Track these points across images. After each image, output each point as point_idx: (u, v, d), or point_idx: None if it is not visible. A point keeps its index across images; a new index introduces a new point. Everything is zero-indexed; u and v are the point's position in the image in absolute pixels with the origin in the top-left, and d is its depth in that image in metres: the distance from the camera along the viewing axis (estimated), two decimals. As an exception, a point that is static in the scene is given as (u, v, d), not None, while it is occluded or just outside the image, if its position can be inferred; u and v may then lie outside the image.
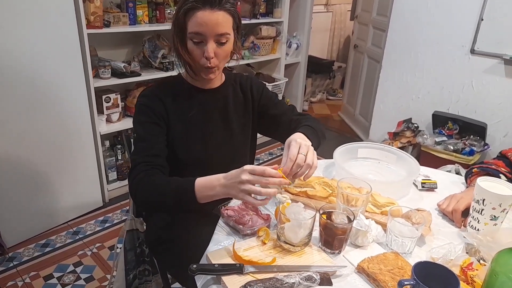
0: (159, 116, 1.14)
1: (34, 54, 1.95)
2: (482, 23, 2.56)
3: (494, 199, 0.97)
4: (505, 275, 0.70)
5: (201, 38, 1.06)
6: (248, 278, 0.84)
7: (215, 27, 1.05)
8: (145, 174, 1.04)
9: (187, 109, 1.19)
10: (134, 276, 1.47)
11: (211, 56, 1.07)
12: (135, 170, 1.06)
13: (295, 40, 3.70)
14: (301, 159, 0.97)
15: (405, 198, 1.24)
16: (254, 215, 1.06)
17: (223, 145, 1.25)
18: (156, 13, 2.59)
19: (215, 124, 1.24)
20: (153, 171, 1.06)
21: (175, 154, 1.17)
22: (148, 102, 1.14)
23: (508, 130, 2.62)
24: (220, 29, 1.06)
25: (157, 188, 1.02)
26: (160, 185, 1.02)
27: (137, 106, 1.17)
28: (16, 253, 2.09)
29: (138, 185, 1.04)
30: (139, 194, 1.05)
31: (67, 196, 2.32)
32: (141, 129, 1.14)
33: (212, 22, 1.04)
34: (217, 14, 1.05)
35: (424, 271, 0.76)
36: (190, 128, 1.19)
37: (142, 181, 1.04)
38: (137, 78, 2.51)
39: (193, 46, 1.08)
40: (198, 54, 1.08)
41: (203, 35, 1.05)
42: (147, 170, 1.05)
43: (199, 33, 1.05)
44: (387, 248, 0.98)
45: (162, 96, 1.16)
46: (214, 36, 1.06)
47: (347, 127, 4.19)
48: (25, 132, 2.03)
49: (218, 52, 1.09)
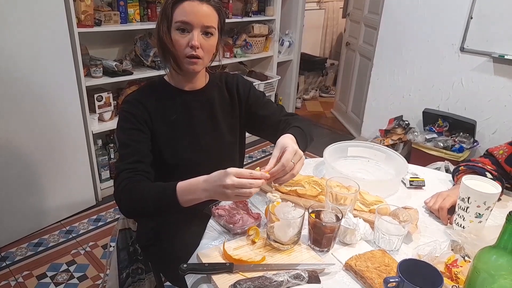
0: (142, 122, 1.13)
1: (25, 53, 1.94)
2: (471, 22, 2.59)
3: (478, 197, 0.99)
4: (486, 272, 0.72)
5: (187, 27, 1.07)
6: (238, 277, 0.86)
7: (201, 17, 1.07)
8: (128, 182, 1.03)
9: (171, 112, 1.18)
10: (127, 275, 1.48)
11: (197, 45, 1.07)
12: (119, 178, 1.05)
13: (288, 38, 3.71)
14: (290, 167, 0.97)
15: (394, 196, 1.26)
16: (245, 214, 1.07)
17: (212, 146, 1.24)
18: (147, 11, 2.58)
19: (202, 125, 1.23)
20: (136, 178, 1.05)
21: (162, 158, 1.16)
22: (130, 109, 1.13)
23: (497, 127, 2.66)
24: (206, 20, 1.08)
25: (139, 196, 1.01)
26: (141, 192, 1.01)
27: (119, 113, 1.16)
28: (8, 252, 2.09)
29: (121, 194, 1.04)
30: (123, 203, 1.05)
31: (60, 195, 2.32)
32: (123, 136, 1.13)
33: (199, 13, 1.06)
34: (204, 7, 1.07)
35: (409, 269, 0.78)
36: (176, 131, 1.18)
37: (124, 190, 1.03)
38: (129, 77, 2.50)
39: (179, 36, 1.08)
40: (183, 44, 1.08)
41: (190, 23, 1.06)
42: (130, 178, 1.04)
43: (186, 21, 1.06)
44: (374, 246, 1.00)
45: (144, 100, 1.15)
46: (200, 26, 1.08)
47: (340, 124, 4.22)
48: (16, 131, 2.02)
49: (203, 44, 1.09)
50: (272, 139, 1.10)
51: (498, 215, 1.15)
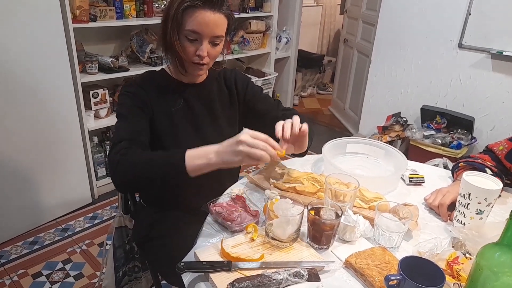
0: (143, 103, 1.13)
1: (19, 49, 1.92)
2: (469, 18, 2.58)
3: (479, 193, 0.98)
4: (489, 269, 0.70)
5: (197, 36, 1.07)
6: (236, 275, 0.84)
7: (213, 28, 1.07)
8: (127, 150, 1.00)
9: (172, 103, 1.18)
10: (124, 273, 1.47)
11: (205, 55, 1.09)
12: (117, 147, 1.01)
13: (285, 34, 3.69)
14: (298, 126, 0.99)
15: (393, 193, 1.25)
16: (243, 211, 1.06)
17: (211, 138, 1.22)
18: (143, 7, 2.56)
19: (202, 118, 1.23)
20: (134, 148, 1.02)
21: (162, 148, 1.16)
22: (132, 90, 1.14)
23: (495, 124, 2.66)
24: (217, 31, 1.08)
25: (142, 158, 0.98)
26: (145, 154, 1.00)
27: (120, 94, 1.17)
28: (3, 251, 2.07)
29: (120, 161, 0.98)
30: (120, 170, 0.98)
31: (55, 193, 2.29)
32: (123, 110, 1.12)
33: (211, 24, 1.06)
34: (217, 16, 1.06)
35: (410, 266, 0.76)
36: (177, 123, 1.18)
37: (124, 157, 0.98)
38: (125, 73, 2.48)
39: (187, 43, 1.09)
40: (191, 51, 1.09)
41: (200, 34, 1.07)
42: (129, 147, 1.01)
43: (197, 32, 1.06)
44: (374, 243, 0.99)
45: (145, 86, 1.15)
46: (210, 37, 1.08)
47: (337, 121, 4.21)
48: (11, 129, 1.99)
49: (210, 52, 1.11)
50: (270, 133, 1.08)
51: (498, 211, 1.14)
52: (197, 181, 1.18)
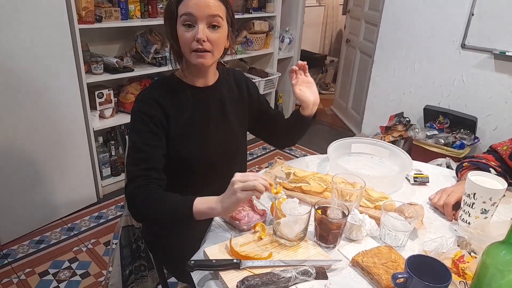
0: (157, 123, 1.10)
1: (26, 50, 1.93)
2: (472, 18, 2.59)
3: (484, 193, 1.00)
4: (495, 267, 0.72)
5: (192, 19, 1.04)
6: (246, 273, 0.86)
7: (206, 8, 1.03)
8: (144, 189, 1.03)
9: (186, 108, 1.17)
10: (130, 272, 1.48)
11: (202, 37, 1.03)
12: (133, 185, 1.05)
13: (288, 34, 3.70)
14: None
15: (398, 192, 1.26)
16: (250, 211, 1.07)
17: (225, 140, 1.25)
18: (148, 7, 2.57)
19: (215, 121, 1.23)
20: (150, 186, 1.04)
21: (177, 153, 1.15)
22: (146, 109, 1.10)
23: (498, 124, 2.67)
24: (211, 10, 1.04)
25: (154, 206, 1.02)
26: (157, 199, 1.02)
27: (133, 112, 1.13)
28: (10, 250, 2.08)
29: (136, 201, 1.04)
30: (138, 210, 1.05)
31: (61, 192, 2.31)
32: (137, 138, 1.10)
33: (202, 3, 1.03)
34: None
35: (417, 264, 0.78)
36: (190, 127, 1.17)
37: (139, 197, 1.03)
38: (130, 74, 2.49)
39: (184, 30, 1.05)
40: (189, 38, 1.05)
41: (194, 15, 1.03)
42: (144, 186, 1.04)
43: (190, 13, 1.03)
44: (380, 242, 1.00)
45: (159, 99, 1.12)
46: (205, 18, 1.04)
47: (340, 121, 4.22)
48: (18, 129, 2.01)
49: (210, 37, 1.06)
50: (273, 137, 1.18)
51: (502, 211, 1.16)
52: (205, 181, 1.21)
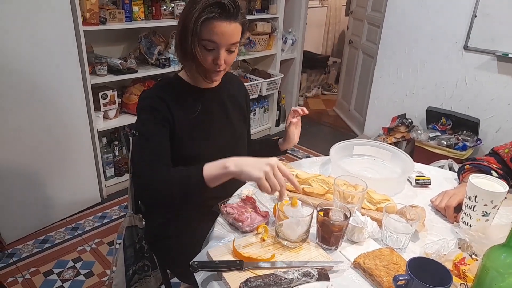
0: (164, 117, 1.14)
1: (31, 51, 1.95)
2: (475, 20, 2.59)
3: (486, 196, 1.00)
4: (495, 270, 0.72)
5: (215, 46, 1.10)
6: (248, 274, 0.87)
7: (229, 38, 1.09)
8: (154, 171, 1.07)
9: (191, 109, 1.20)
10: (134, 272, 1.49)
11: (222, 64, 1.12)
12: (145, 167, 1.09)
13: (291, 36, 3.71)
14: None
15: (400, 195, 1.27)
16: (253, 212, 1.08)
17: (228, 140, 1.30)
18: (152, 9, 2.59)
19: (219, 122, 1.28)
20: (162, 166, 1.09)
21: (181, 153, 1.18)
22: (151, 103, 1.15)
23: (500, 126, 2.67)
24: (233, 39, 1.11)
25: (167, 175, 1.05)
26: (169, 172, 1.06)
27: (140, 107, 1.17)
28: (15, 249, 2.10)
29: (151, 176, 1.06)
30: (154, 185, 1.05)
31: (65, 192, 2.33)
32: (145, 129, 1.14)
33: (227, 34, 1.08)
34: (232, 26, 1.09)
35: (418, 267, 0.78)
36: (195, 127, 1.21)
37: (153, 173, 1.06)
38: (134, 75, 2.51)
39: (205, 52, 1.11)
40: (209, 60, 1.12)
41: (218, 44, 1.09)
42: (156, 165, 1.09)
43: (214, 41, 1.09)
44: (382, 244, 1.01)
45: (164, 97, 1.16)
46: (226, 46, 1.11)
47: (342, 122, 4.22)
48: (22, 129, 2.03)
49: (226, 59, 1.14)
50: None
51: (503, 213, 1.16)
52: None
